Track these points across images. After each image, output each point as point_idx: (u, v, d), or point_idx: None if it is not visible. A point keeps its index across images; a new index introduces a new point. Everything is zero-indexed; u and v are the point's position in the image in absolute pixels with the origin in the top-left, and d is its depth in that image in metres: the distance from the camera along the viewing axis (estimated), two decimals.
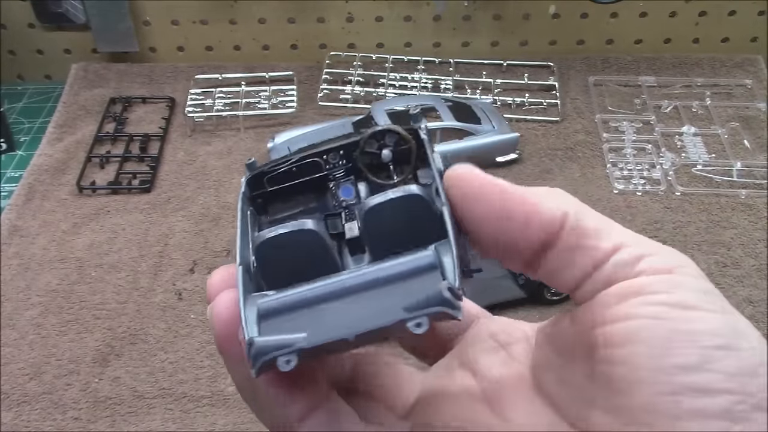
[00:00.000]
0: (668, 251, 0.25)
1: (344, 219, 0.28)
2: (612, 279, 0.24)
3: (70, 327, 0.74)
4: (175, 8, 1.12)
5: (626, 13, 1.11)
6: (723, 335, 0.22)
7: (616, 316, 0.23)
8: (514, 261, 0.26)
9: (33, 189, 0.91)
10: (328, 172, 0.29)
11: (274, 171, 0.28)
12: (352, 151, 0.29)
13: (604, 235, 0.25)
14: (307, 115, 1.01)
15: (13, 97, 1.11)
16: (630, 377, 0.22)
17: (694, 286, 0.24)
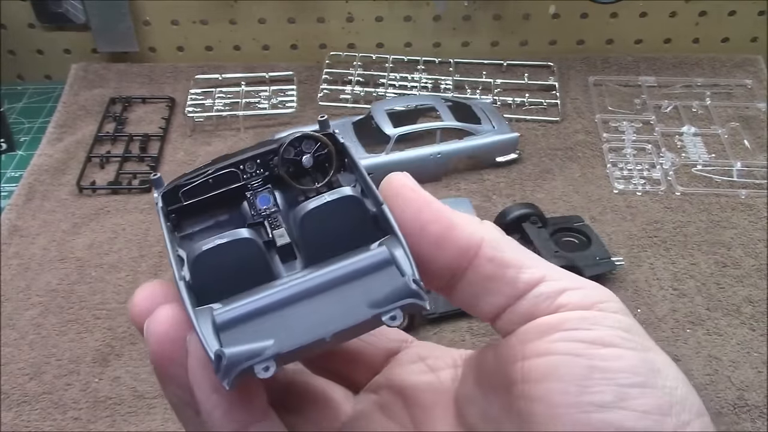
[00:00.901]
0: (591, 286, 0.25)
1: (269, 227, 0.28)
2: (532, 313, 0.24)
3: (70, 327, 0.74)
4: (175, 8, 1.12)
5: (626, 13, 1.11)
6: (639, 373, 0.22)
7: (534, 351, 0.23)
8: (431, 279, 0.26)
9: (33, 189, 0.91)
10: (245, 182, 0.29)
11: (189, 184, 0.28)
12: (269, 159, 0.29)
13: (525, 267, 0.25)
14: (307, 115, 1.01)
15: (13, 97, 1.11)
16: (546, 413, 0.22)
17: (613, 322, 0.23)
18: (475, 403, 0.26)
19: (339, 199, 0.26)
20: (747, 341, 0.70)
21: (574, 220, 0.81)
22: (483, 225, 0.26)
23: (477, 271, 0.25)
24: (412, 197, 0.25)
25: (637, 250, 0.80)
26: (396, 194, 0.26)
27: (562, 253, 0.74)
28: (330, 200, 0.25)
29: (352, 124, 0.93)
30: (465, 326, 0.70)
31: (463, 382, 0.27)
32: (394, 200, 0.26)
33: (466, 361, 0.28)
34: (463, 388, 0.27)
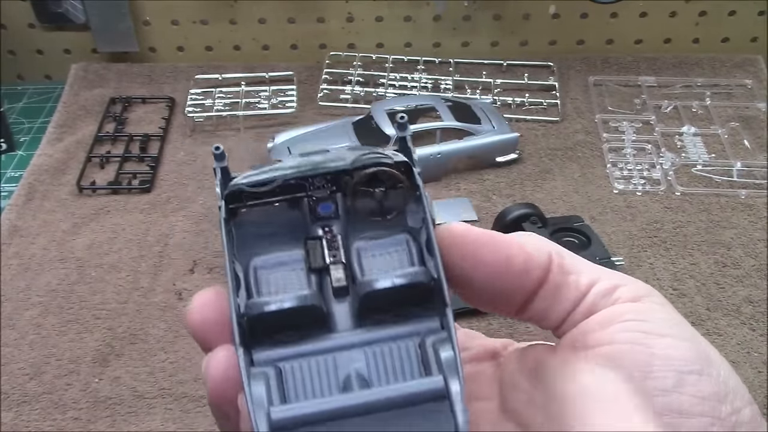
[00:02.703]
0: (636, 282, 0.27)
1: (326, 247, 0.28)
2: (592, 309, 0.26)
3: (70, 327, 0.74)
4: (175, 8, 1.12)
5: (626, 13, 1.11)
6: (695, 362, 0.24)
7: (597, 341, 0.25)
8: (508, 307, 0.27)
9: (33, 189, 0.91)
10: (311, 192, 0.28)
11: (256, 189, 0.28)
12: (339, 175, 0.28)
13: (582, 271, 0.27)
14: (307, 115, 1.01)
15: (13, 97, 1.11)
16: None
17: (664, 314, 0.26)
18: (521, 390, 0.27)
19: (410, 284, 0.26)
20: (747, 341, 0.70)
21: (574, 220, 0.81)
22: (540, 239, 0.28)
23: (548, 284, 0.27)
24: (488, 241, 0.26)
25: (637, 250, 0.80)
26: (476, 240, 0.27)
27: None
28: (399, 284, 0.26)
29: (352, 124, 0.93)
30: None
31: (507, 371, 0.29)
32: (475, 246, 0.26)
33: (511, 353, 0.30)
34: (507, 377, 0.29)
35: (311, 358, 0.26)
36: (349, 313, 0.27)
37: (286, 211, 0.29)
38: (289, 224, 0.29)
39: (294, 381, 0.25)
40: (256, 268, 0.28)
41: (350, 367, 0.26)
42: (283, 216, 0.29)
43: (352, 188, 0.28)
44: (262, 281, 0.28)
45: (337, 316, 0.27)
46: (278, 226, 0.29)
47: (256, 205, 0.28)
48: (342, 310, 0.27)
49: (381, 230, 0.28)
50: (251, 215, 0.29)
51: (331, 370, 0.26)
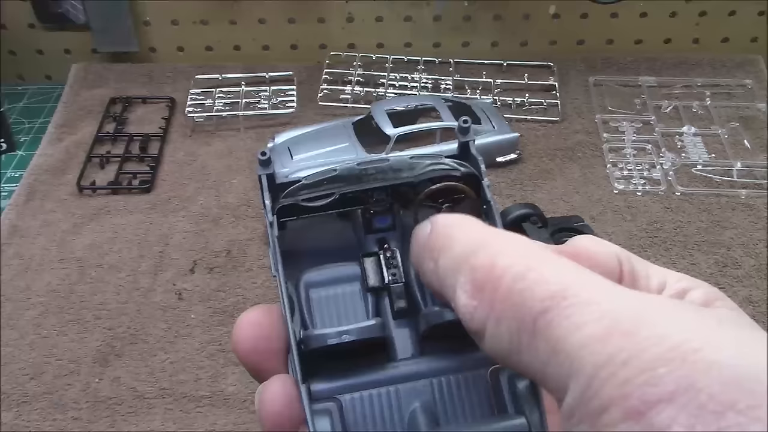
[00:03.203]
0: (706, 285, 0.25)
1: (384, 264, 0.26)
2: None
3: (70, 327, 0.74)
4: (175, 8, 1.12)
5: (626, 13, 1.11)
6: None
7: None
8: None
9: (33, 189, 0.91)
10: (369, 205, 0.27)
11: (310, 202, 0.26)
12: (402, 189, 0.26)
13: (651, 273, 0.25)
14: (307, 115, 1.01)
15: (13, 97, 1.11)
16: None
17: (739, 319, 0.24)
18: None
19: None
20: None
21: (574, 220, 0.81)
22: (603, 242, 0.25)
23: None
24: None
25: (637, 250, 0.80)
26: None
27: None
28: None
29: (352, 124, 0.93)
30: None
31: None
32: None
33: None
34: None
35: (373, 391, 0.24)
36: (411, 339, 0.25)
37: (336, 220, 0.27)
38: (340, 235, 0.27)
39: (356, 416, 0.24)
40: (308, 287, 0.26)
41: (416, 401, 0.24)
42: (333, 226, 0.27)
43: (418, 203, 0.26)
44: (315, 303, 0.26)
45: (398, 342, 0.25)
46: (328, 236, 0.27)
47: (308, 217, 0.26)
48: (403, 334, 0.25)
49: None
50: (298, 224, 0.27)
51: (395, 404, 0.24)
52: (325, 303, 0.26)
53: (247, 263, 0.80)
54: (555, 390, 0.19)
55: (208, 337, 0.73)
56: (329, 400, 0.24)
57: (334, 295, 0.26)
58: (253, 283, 0.78)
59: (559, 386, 0.18)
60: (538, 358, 0.19)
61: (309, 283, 0.26)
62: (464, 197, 0.26)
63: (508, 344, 0.20)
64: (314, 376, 0.24)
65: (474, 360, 0.24)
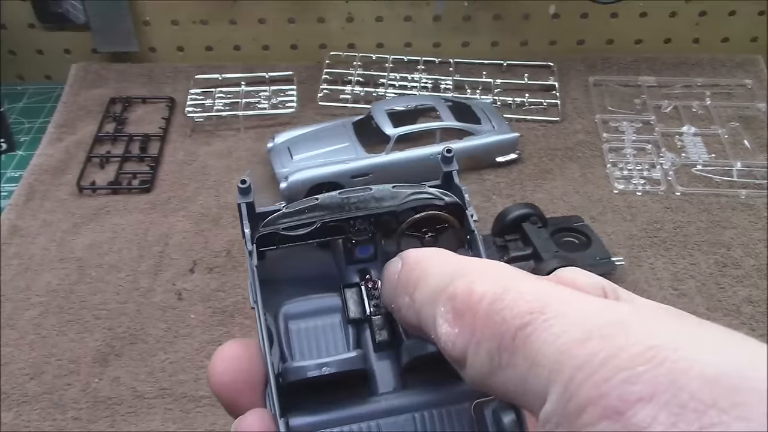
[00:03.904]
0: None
1: (366, 296, 0.26)
2: None
3: (70, 327, 0.74)
4: (175, 8, 1.12)
5: (626, 13, 1.11)
6: None
7: None
8: None
9: (33, 189, 0.91)
10: (350, 234, 0.26)
11: (290, 231, 0.25)
12: (384, 219, 0.26)
13: (635, 299, 0.24)
14: (307, 115, 1.01)
15: (13, 97, 1.11)
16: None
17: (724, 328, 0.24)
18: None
19: None
20: None
21: (574, 220, 0.81)
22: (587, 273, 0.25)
23: None
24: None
25: (637, 250, 0.80)
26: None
27: (562, 253, 0.74)
28: None
29: (352, 124, 0.93)
30: None
31: None
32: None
33: None
34: None
35: (354, 426, 0.24)
36: (392, 371, 0.25)
37: (316, 250, 0.27)
38: (321, 265, 0.27)
39: None
40: (287, 318, 0.26)
41: None
42: (313, 256, 0.27)
43: (400, 233, 0.26)
44: (294, 336, 0.25)
45: (379, 375, 0.25)
46: (308, 266, 0.27)
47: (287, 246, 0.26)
48: (384, 367, 0.25)
49: None
50: (278, 254, 0.26)
51: None
52: (305, 335, 0.25)
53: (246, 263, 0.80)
54: (534, 404, 0.18)
55: (207, 337, 0.73)
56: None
57: (314, 327, 0.25)
58: None
59: (538, 398, 0.18)
60: (517, 374, 0.19)
61: (288, 315, 0.26)
62: (447, 227, 0.26)
63: (489, 365, 0.19)
64: (293, 410, 0.24)
65: (457, 393, 0.24)
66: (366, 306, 0.25)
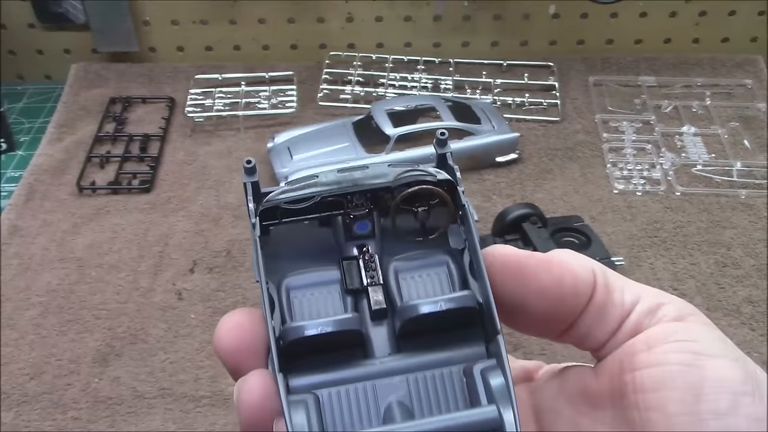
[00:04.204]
0: (679, 300, 0.26)
1: (363, 268, 0.27)
2: (637, 328, 0.25)
3: (70, 327, 0.74)
4: (175, 8, 1.12)
5: (626, 13, 1.11)
6: (747, 383, 0.23)
7: (646, 362, 0.24)
8: (556, 330, 0.27)
9: (33, 189, 0.91)
10: (349, 210, 0.27)
11: (291, 206, 0.26)
12: (380, 194, 0.27)
13: (626, 288, 0.26)
14: (307, 115, 1.01)
15: (13, 97, 1.11)
16: (664, 422, 0.23)
17: (712, 335, 0.25)
18: (561, 415, 0.27)
19: (457, 310, 0.25)
20: (747, 341, 0.70)
21: (574, 220, 0.81)
22: (582, 257, 0.26)
23: (594, 302, 0.26)
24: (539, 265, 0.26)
25: (637, 250, 0.80)
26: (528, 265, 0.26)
27: None
28: (448, 309, 0.24)
29: (352, 124, 0.93)
30: None
31: (544, 395, 0.28)
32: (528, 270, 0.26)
33: (545, 375, 0.29)
34: (545, 402, 0.28)
35: (350, 386, 0.25)
36: (387, 337, 0.26)
37: (318, 228, 0.28)
38: (321, 242, 0.28)
39: (333, 410, 0.24)
40: (288, 289, 0.27)
41: (391, 396, 0.24)
42: (315, 233, 0.28)
43: (395, 207, 0.27)
44: (295, 303, 0.26)
45: (375, 341, 0.26)
46: (310, 243, 0.28)
47: (290, 222, 0.27)
48: (380, 333, 0.26)
49: (419, 251, 0.27)
50: (281, 232, 0.28)
51: (371, 400, 0.24)
52: (306, 303, 0.26)
53: (246, 263, 0.80)
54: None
55: (207, 337, 0.73)
56: (306, 393, 0.24)
57: (314, 296, 0.27)
58: (253, 283, 0.78)
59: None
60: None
61: (290, 286, 0.27)
62: (439, 201, 0.27)
63: None
64: (293, 371, 0.25)
65: (449, 358, 0.25)
66: (363, 277, 0.27)
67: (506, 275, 0.26)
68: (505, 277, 0.26)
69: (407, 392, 0.24)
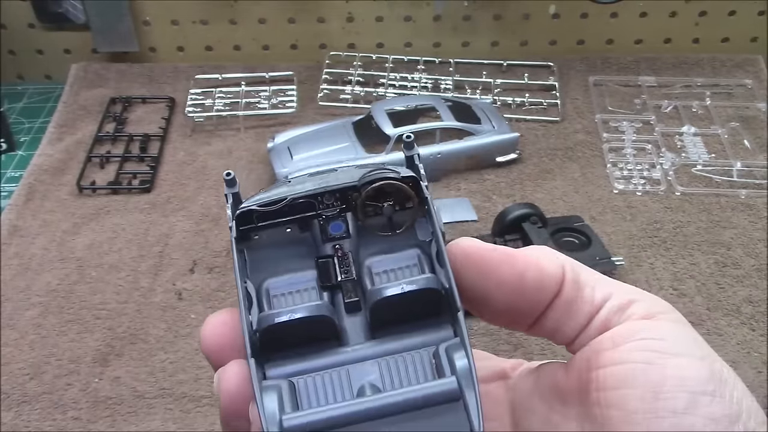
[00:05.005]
0: (651, 298, 0.26)
1: (337, 265, 0.28)
2: (606, 325, 0.26)
3: (70, 327, 0.74)
4: (175, 8, 1.12)
5: (626, 13, 1.11)
6: (709, 382, 0.23)
7: (609, 360, 0.24)
8: (522, 323, 0.27)
9: (33, 189, 0.91)
10: (321, 211, 0.29)
11: (265, 209, 0.28)
12: (348, 194, 0.28)
13: (597, 284, 0.26)
14: (307, 115, 1.01)
15: (13, 97, 1.11)
16: (622, 418, 0.23)
17: (679, 333, 0.25)
18: (535, 411, 0.27)
19: (418, 291, 0.26)
20: (747, 341, 0.70)
21: (574, 220, 0.81)
22: (554, 253, 0.27)
23: (561, 297, 0.26)
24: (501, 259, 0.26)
25: (637, 250, 0.80)
26: (491, 258, 0.26)
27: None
28: (409, 290, 0.26)
29: (352, 124, 0.93)
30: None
31: (520, 392, 0.28)
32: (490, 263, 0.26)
33: (522, 373, 0.29)
34: (520, 399, 0.28)
35: (324, 373, 0.26)
36: (361, 327, 0.27)
37: (297, 235, 0.29)
38: (302, 246, 0.29)
39: (307, 394, 0.25)
40: (269, 290, 0.28)
41: (364, 379, 0.25)
42: (295, 239, 0.29)
43: (361, 203, 0.28)
44: (274, 302, 0.28)
45: (349, 331, 0.27)
46: (290, 249, 0.29)
47: (268, 227, 0.29)
48: (354, 324, 0.27)
49: (392, 246, 0.28)
50: (266, 239, 0.29)
51: (345, 383, 0.25)
52: (284, 301, 0.28)
53: None
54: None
55: None
56: (281, 380, 0.25)
57: (293, 295, 0.28)
58: None
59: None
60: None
61: (270, 287, 0.28)
62: (407, 199, 0.28)
63: None
64: (269, 363, 0.26)
65: (419, 342, 0.26)
66: (337, 273, 0.28)
67: (468, 267, 0.26)
68: (466, 269, 0.26)
69: (379, 375, 0.26)
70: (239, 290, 0.26)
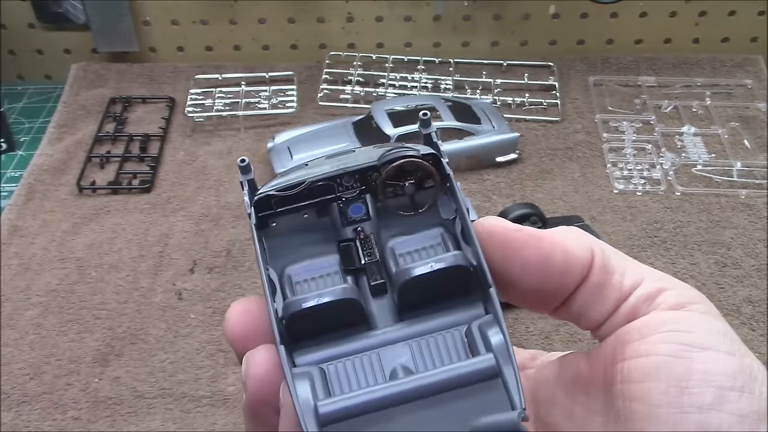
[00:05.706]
0: (683, 286, 0.25)
1: (360, 248, 0.27)
2: (633, 314, 0.25)
3: (70, 327, 0.74)
4: (175, 8, 1.12)
5: (626, 13, 1.11)
6: (738, 378, 0.22)
7: (635, 352, 0.23)
8: (547, 305, 0.26)
9: (33, 189, 0.91)
10: (340, 193, 0.28)
11: (284, 194, 0.27)
12: (368, 174, 0.28)
13: (627, 270, 0.26)
14: (307, 115, 1.01)
15: (13, 97, 1.11)
16: (646, 412, 0.22)
17: (710, 325, 0.24)
18: (557, 404, 0.26)
19: (447, 269, 0.25)
20: (747, 341, 0.70)
21: (574, 220, 0.81)
22: (585, 235, 0.26)
23: (590, 283, 0.25)
24: (528, 240, 0.26)
25: (637, 250, 0.80)
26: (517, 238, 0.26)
27: None
28: (438, 269, 0.25)
29: (352, 124, 0.93)
30: None
31: (541, 384, 0.28)
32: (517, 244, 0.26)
33: (542, 364, 0.29)
34: (542, 390, 0.28)
35: (355, 358, 0.25)
36: (388, 310, 0.26)
37: (317, 219, 0.29)
38: (321, 231, 0.28)
39: (339, 380, 0.25)
40: (290, 277, 0.27)
41: (395, 362, 0.25)
42: (315, 224, 0.29)
43: (382, 183, 0.27)
44: (297, 289, 0.27)
45: (376, 314, 0.26)
46: (310, 234, 0.28)
47: (286, 212, 0.28)
48: (381, 307, 0.26)
49: (414, 226, 0.28)
50: (283, 226, 0.28)
51: (377, 367, 0.25)
52: (307, 287, 0.27)
53: (247, 263, 0.80)
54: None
55: (207, 337, 0.73)
56: (311, 367, 0.25)
57: (316, 281, 0.27)
58: (253, 283, 0.78)
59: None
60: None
61: (292, 273, 0.28)
62: (427, 177, 0.28)
63: None
64: (298, 351, 0.25)
65: (449, 321, 0.26)
66: (360, 256, 0.27)
67: (493, 246, 0.26)
68: (491, 248, 0.26)
69: (410, 357, 0.25)
70: (263, 277, 0.26)
